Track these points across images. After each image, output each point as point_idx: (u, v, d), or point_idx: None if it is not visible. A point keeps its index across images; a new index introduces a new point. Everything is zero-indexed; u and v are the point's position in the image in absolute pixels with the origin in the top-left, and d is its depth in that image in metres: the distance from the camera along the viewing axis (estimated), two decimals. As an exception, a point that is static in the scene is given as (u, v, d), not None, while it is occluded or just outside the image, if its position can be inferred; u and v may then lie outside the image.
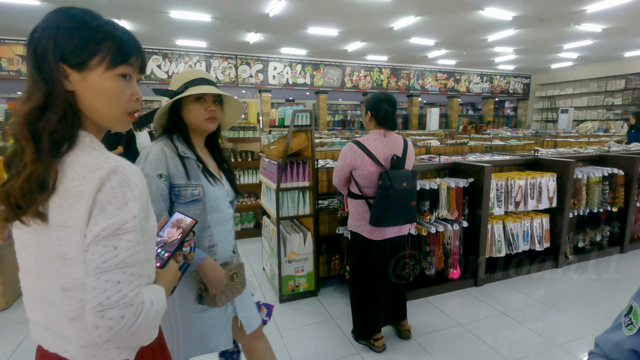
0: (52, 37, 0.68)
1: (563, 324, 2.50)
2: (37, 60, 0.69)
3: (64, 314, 0.71)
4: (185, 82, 1.25)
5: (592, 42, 9.37)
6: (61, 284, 0.69)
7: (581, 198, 3.30)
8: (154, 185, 1.18)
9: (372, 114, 2.03)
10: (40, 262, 0.71)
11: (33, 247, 0.71)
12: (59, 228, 0.67)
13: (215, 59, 10.43)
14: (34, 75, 0.69)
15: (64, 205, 0.67)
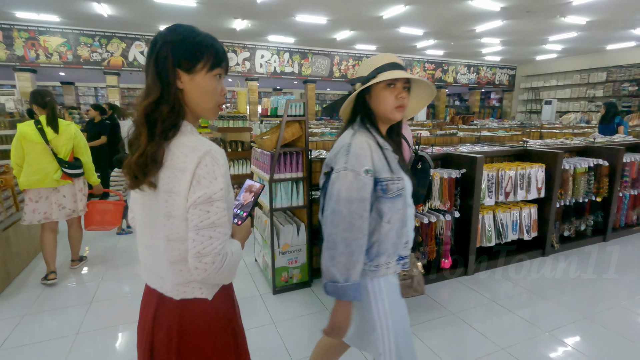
0: (169, 48, 0.89)
1: (549, 311, 2.58)
2: (157, 66, 0.89)
3: (165, 259, 0.93)
4: (376, 68, 1.18)
5: (576, 35, 9.53)
6: (166, 235, 0.91)
7: (568, 188, 3.38)
8: (360, 181, 1.13)
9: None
10: (152, 218, 0.94)
11: (147, 207, 0.95)
12: (166, 193, 0.89)
13: (201, 46, 10.16)
14: (154, 77, 0.89)
15: (171, 176, 0.88)
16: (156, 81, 0.89)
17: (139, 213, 1.00)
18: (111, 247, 3.83)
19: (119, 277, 3.16)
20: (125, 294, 2.90)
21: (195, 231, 0.87)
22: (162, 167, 0.88)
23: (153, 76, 0.89)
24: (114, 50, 9.39)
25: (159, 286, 0.98)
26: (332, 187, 1.16)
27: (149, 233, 0.97)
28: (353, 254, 1.12)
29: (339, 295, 1.13)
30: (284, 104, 2.56)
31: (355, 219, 1.12)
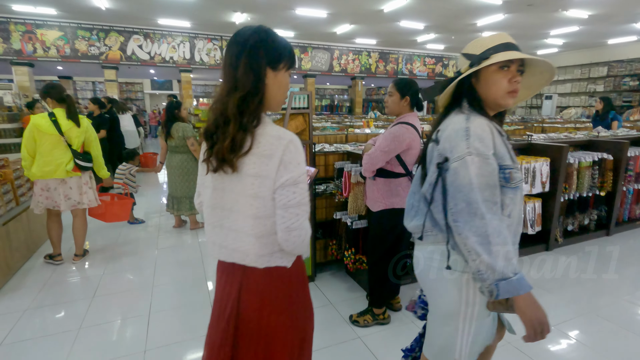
0: (263, 49, 1.00)
1: (554, 305, 2.56)
2: (251, 64, 0.99)
3: (252, 235, 1.03)
4: (489, 48, 1.08)
5: (577, 29, 9.47)
6: (253, 213, 1.02)
7: (572, 182, 3.36)
8: (489, 166, 1.02)
9: (411, 100, 2.13)
10: (231, 200, 1.04)
11: (230, 190, 1.04)
12: (254, 177, 0.99)
13: (200, 40, 10.07)
14: (248, 73, 0.99)
15: (258, 162, 0.99)
16: (249, 76, 0.99)
17: (210, 196, 1.09)
18: (113, 240, 3.81)
19: (121, 270, 3.14)
20: (128, 287, 2.88)
21: (284, 209, 1.00)
22: (248, 154, 0.99)
23: (246, 72, 0.99)
24: (112, 44, 9.29)
25: (240, 259, 1.08)
26: (455, 177, 1.03)
27: (226, 214, 1.07)
28: (507, 242, 1.00)
29: (517, 290, 0.98)
30: (287, 96, 2.52)
31: (490, 206, 1.00)
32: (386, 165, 2.13)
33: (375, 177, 2.18)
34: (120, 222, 4.14)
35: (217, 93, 1.04)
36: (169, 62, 9.94)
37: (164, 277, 3.00)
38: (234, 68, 1.00)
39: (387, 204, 2.16)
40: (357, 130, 4.85)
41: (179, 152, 3.87)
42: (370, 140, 2.40)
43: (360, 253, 2.59)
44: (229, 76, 1.01)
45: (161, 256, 3.42)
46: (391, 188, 2.14)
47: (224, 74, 1.03)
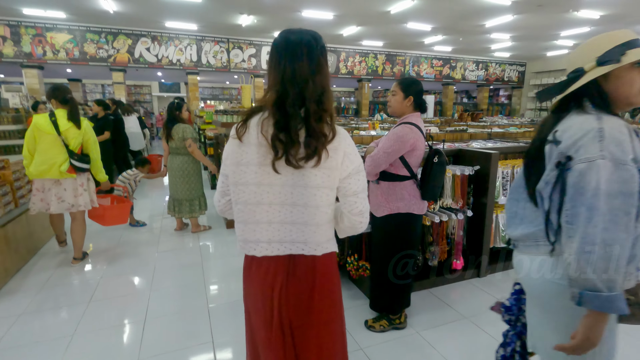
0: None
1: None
2: (325, 64, 1.09)
3: (314, 224, 1.09)
4: (622, 44, 1.01)
5: (589, 30, 9.28)
6: (316, 204, 1.07)
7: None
8: (627, 172, 0.94)
9: (415, 99, 2.06)
10: (296, 194, 1.07)
11: (290, 185, 1.06)
12: (321, 170, 1.05)
13: (207, 42, 10.10)
14: (325, 72, 1.08)
15: (325, 155, 1.04)
16: (327, 75, 1.08)
17: (255, 193, 1.08)
18: (114, 242, 3.76)
19: (120, 274, 3.09)
20: (126, 292, 2.83)
21: (355, 195, 1.11)
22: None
23: (325, 72, 1.07)
24: (120, 46, 9.36)
25: (298, 250, 1.12)
26: (580, 179, 0.97)
27: (290, 208, 1.08)
28: (616, 257, 0.94)
29: (601, 307, 0.94)
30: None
31: (618, 216, 0.94)
32: (390, 168, 2.04)
33: (379, 180, 2.09)
34: (120, 225, 4.10)
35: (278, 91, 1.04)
36: (175, 65, 9.98)
37: (163, 281, 2.94)
38: (316, 69, 1.05)
39: (391, 209, 2.06)
40: (362, 132, 4.76)
41: (179, 154, 3.81)
42: (373, 142, 2.31)
43: (363, 259, 2.50)
44: (308, 74, 1.04)
45: (161, 260, 3.36)
46: (396, 192, 2.05)
47: (296, 71, 1.03)
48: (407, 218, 2.08)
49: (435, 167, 2.03)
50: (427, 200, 2.13)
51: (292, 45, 1.05)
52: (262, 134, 1.04)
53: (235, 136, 1.08)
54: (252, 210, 1.10)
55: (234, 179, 1.10)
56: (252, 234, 1.11)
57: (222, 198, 1.19)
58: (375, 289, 2.28)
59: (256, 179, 1.07)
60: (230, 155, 1.10)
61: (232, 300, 2.63)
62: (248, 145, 1.07)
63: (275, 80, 1.05)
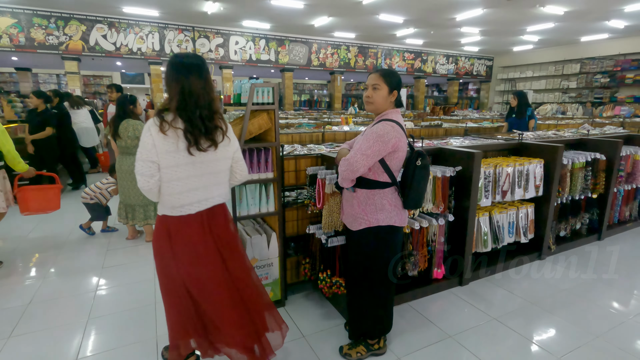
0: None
1: (557, 329, 2.28)
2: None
3: (222, 183, 1.65)
4: None
5: (553, 25, 9.45)
6: (221, 170, 1.63)
7: (565, 185, 3.11)
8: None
9: (399, 94, 1.81)
10: (221, 166, 1.62)
11: (204, 162, 1.55)
12: (222, 147, 1.59)
13: (170, 31, 9.40)
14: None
15: (225, 140, 1.60)
16: (212, 87, 1.58)
17: (186, 171, 1.51)
18: (51, 255, 3.27)
19: (51, 298, 2.63)
20: (55, 324, 2.39)
21: (240, 160, 1.71)
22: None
23: (211, 85, 1.57)
24: (72, 33, 8.51)
25: (211, 203, 1.61)
26: None
27: (213, 175, 1.60)
28: None
29: None
30: (248, 89, 2.10)
31: None
32: (368, 173, 1.76)
33: (355, 187, 1.81)
34: (64, 231, 3.65)
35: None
36: (136, 54, 9.24)
37: (104, 308, 2.52)
38: (205, 82, 1.53)
39: (370, 221, 1.78)
40: (334, 128, 4.48)
41: (130, 154, 3.35)
42: (345, 144, 2.02)
43: (337, 275, 2.22)
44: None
45: (106, 277, 2.93)
46: (375, 201, 1.78)
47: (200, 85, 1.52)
48: (388, 231, 1.81)
49: (419, 171, 1.76)
50: (409, 209, 1.88)
51: (187, 66, 1.48)
52: (175, 129, 1.47)
53: (159, 131, 1.46)
54: (185, 183, 1.53)
55: (165, 163, 1.49)
56: (187, 199, 1.55)
57: (151, 179, 1.49)
58: (352, 312, 2.01)
59: (183, 160, 1.50)
60: (157, 145, 1.47)
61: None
62: (170, 137, 1.48)
63: (176, 92, 1.47)
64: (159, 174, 1.49)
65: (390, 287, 1.94)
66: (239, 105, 2.29)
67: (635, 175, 3.65)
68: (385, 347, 2.02)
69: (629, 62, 10.60)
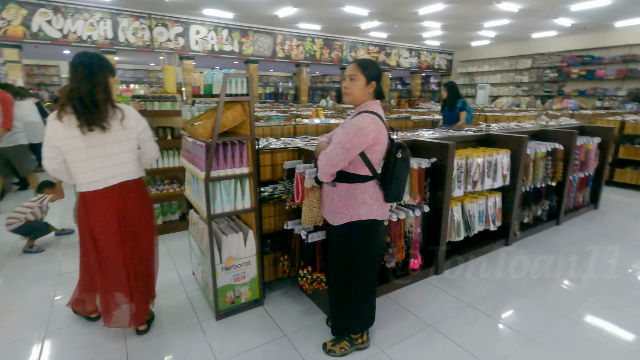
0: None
1: (528, 311, 2.39)
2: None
3: (130, 161, 1.92)
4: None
5: (508, 22, 9.90)
6: (122, 150, 1.87)
7: (529, 174, 3.26)
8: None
9: (377, 84, 1.76)
10: (123, 147, 1.87)
11: (117, 142, 1.85)
12: (119, 131, 1.84)
13: (124, 18, 8.78)
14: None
15: (120, 125, 1.85)
16: (107, 82, 1.88)
17: (85, 154, 1.80)
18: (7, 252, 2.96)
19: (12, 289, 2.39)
20: (18, 307, 2.20)
21: (148, 141, 2.00)
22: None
23: (104, 79, 1.88)
24: (11, 17, 7.69)
25: (119, 180, 1.90)
26: None
27: (115, 156, 1.86)
28: None
29: None
30: (220, 79, 1.98)
31: None
32: (348, 167, 1.72)
33: (335, 182, 1.77)
34: (8, 246, 3.29)
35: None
36: (87, 42, 8.53)
37: (61, 324, 2.32)
38: (97, 77, 1.81)
39: (352, 216, 1.75)
40: (305, 120, 4.40)
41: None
42: (323, 137, 1.97)
43: (317, 271, 2.18)
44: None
45: (64, 287, 2.69)
46: (356, 195, 1.74)
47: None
48: (370, 225, 1.78)
49: (399, 163, 1.75)
50: (390, 202, 1.86)
51: (78, 63, 1.77)
52: (69, 118, 1.74)
53: (58, 120, 1.74)
54: (87, 163, 1.80)
55: (66, 148, 1.77)
56: (92, 177, 1.83)
57: (53, 161, 1.79)
58: (335, 308, 1.98)
59: (80, 145, 1.77)
60: (57, 132, 1.75)
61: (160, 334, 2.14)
62: (68, 125, 1.74)
63: (71, 84, 1.77)
64: (62, 157, 1.79)
65: (372, 281, 1.93)
66: (210, 97, 2.16)
67: (588, 163, 3.92)
68: (369, 340, 2.01)
69: (574, 58, 11.37)
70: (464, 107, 4.63)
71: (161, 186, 3.66)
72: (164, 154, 3.59)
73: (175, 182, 3.76)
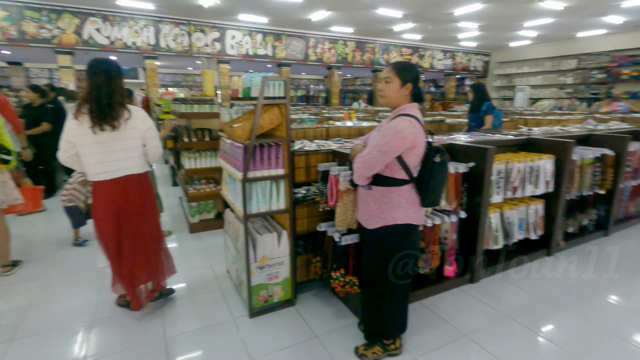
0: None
1: (572, 327, 2.25)
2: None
3: (135, 157, 2.13)
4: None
5: (551, 21, 9.43)
6: (129, 147, 2.09)
7: (574, 181, 3.08)
8: None
9: (413, 87, 1.73)
10: (128, 145, 2.08)
11: (123, 140, 2.06)
12: (127, 130, 2.07)
13: (165, 25, 9.23)
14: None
15: (125, 123, 2.07)
16: (121, 85, 2.13)
17: (96, 148, 2.01)
18: (49, 261, 3.18)
19: (53, 299, 2.56)
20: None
21: (151, 139, 2.17)
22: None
23: (119, 84, 2.12)
24: (65, 26, 8.31)
25: (124, 173, 2.10)
26: None
27: (122, 152, 2.07)
28: None
29: None
30: (259, 82, 2.03)
31: None
32: (384, 170, 1.71)
33: (371, 185, 1.76)
34: (62, 243, 3.54)
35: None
36: (131, 48, 9.05)
37: (107, 309, 2.46)
38: (114, 81, 2.04)
39: (387, 220, 1.73)
40: (337, 123, 4.41)
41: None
42: (358, 139, 1.96)
43: (350, 274, 2.17)
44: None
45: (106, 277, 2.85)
46: (391, 199, 1.72)
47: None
48: (405, 230, 1.76)
49: (437, 167, 1.71)
50: (427, 207, 1.83)
51: (97, 69, 1.99)
52: (87, 114, 1.96)
53: (74, 119, 1.96)
54: (96, 157, 2.02)
55: (79, 143, 1.99)
56: (100, 169, 2.05)
57: (65, 153, 2.03)
58: (367, 313, 1.96)
59: (90, 140, 1.99)
60: (72, 129, 1.98)
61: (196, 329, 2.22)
62: (82, 123, 1.96)
63: (90, 87, 1.97)
64: (74, 150, 2.02)
65: (406, 286, 1.89)
66: (249, 100, 2.22)
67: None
68: (401, 347, 1.98)
69: (625, 57, 10.63)
70: (489, 111, 4.28)
71: (198, 185, 3.80)
72: (202, 155, 3.73)
73: (211, 182, 3.89)
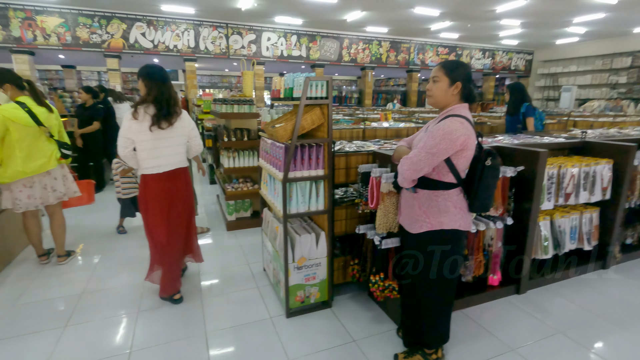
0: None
1: (631, 345, 2.07)
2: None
3: (180, 153, 2.43)
4: None
5: (603, 16, 8.81)
6: (178, 144, 2.39)
7: (635, 188, 2.84)
8: None
9: (463, 87, 1.65)
10: (176, 142, 2.37)
11: (173, 137, 2.34)
12: (177, 128, 2.36)
13: (205, 28, 9.57)
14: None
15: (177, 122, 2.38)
16: (172, 88, 2.41)
17: (163, 144, 2.31)
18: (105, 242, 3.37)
19: (102, 289, 2.70)
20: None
21: (195, 137, 2.49)
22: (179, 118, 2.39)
23: (171, 87, 2.39)
24: (114, 31, 8.85)
25: (172, 166, 2.36)
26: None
27: (172, 148, 2.35)
28: None
29: None
30: (301, 82, 2.03)
31: None
32: (431, 173, 1.64)
33: (416, 188, 1.70)
34: (110, 235, 3.74)
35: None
36: (173, 51, 9.47)
37: (153, 299, 2.56)
38: (169, 85, 2.34)
39: (432, 224, 1.67)
40: (374, 124, 4.35)
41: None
42: (402, 141, 1.90)
43: (390, 278, 2.12)
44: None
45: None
46: (438, 203, 1.65)
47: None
48: (452, 236, 1.68)
49: (488, 171, 1.63)
50: (475, 212, 1.74)
51: (160, 75, 2.29)
52: (147, 114, 2.22)
53: (133, 118, 2.20)
54: (150, 152, 2.27)
55: (137, 139, 2.24)
56: (152, 163, 2.29)
57: (125, 149, 2.25)
58: (408, 320, 1.91)
59: (147, 137, 2.23)
60: (131, 127, 2.21)
61: (235, 325, 2.26)
62: (139, 122, 2.21)
63: (152, 90, 2.24)
64: (132, 146, 2.25)
65: (450, 294, 1.82)
66: (290, 100, 2.23)
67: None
68: (444, 357, 1.90)
69: (688, 54, 9.73)
70: (529, 113, 3.94)
71: (236, 184, 3.87)
72: (240, 154, 3.80)
73: (248, 181, 3.96)
